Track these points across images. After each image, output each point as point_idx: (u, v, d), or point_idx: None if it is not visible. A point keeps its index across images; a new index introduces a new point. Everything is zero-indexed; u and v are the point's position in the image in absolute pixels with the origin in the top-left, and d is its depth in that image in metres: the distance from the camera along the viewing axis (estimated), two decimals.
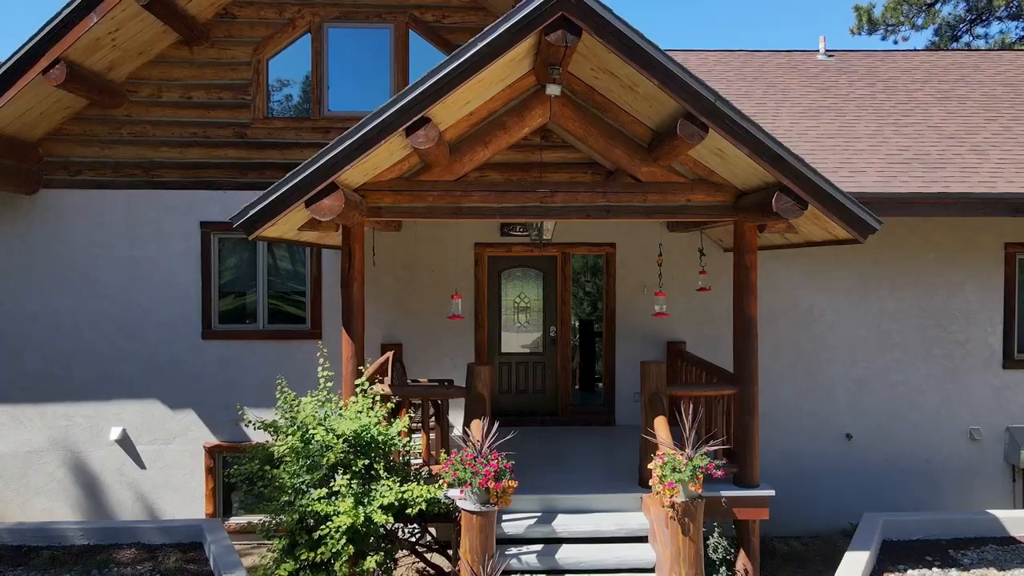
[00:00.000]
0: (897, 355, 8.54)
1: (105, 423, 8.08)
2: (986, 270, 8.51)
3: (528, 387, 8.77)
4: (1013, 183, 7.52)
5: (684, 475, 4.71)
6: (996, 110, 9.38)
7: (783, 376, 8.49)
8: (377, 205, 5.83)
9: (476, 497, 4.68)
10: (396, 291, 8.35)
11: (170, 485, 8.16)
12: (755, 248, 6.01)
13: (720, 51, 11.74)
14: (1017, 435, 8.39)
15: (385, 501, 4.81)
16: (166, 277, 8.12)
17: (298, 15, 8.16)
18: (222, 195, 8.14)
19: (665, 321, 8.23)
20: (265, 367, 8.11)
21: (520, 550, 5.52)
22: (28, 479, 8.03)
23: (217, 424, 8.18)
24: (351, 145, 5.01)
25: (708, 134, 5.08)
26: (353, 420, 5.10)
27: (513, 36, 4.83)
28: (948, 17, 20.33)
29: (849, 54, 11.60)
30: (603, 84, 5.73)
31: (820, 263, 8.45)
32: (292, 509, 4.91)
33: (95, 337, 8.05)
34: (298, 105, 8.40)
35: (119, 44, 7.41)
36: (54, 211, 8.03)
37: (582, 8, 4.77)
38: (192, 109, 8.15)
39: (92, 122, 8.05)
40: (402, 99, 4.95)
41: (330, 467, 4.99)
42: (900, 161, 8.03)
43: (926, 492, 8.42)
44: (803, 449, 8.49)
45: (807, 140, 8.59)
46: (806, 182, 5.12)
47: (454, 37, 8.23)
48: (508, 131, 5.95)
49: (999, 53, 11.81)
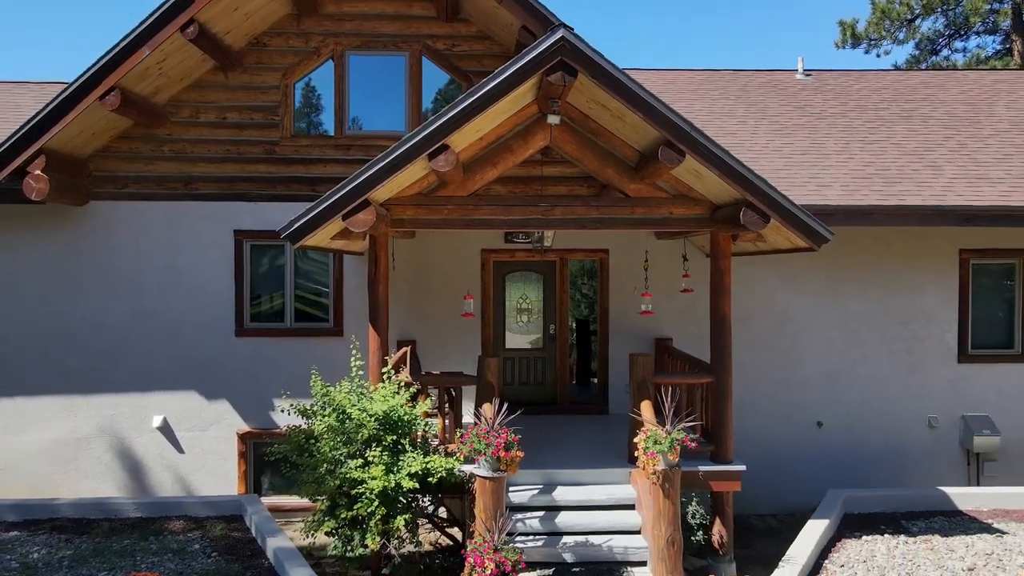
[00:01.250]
0: (863, 351, 9.43)
1: (148, 412, 8.94)
2: (943, 274, 9.41)
3: (529, 380, 9.64)
4: (962, 196, 8.44)
5: (664, 446, 5.59)
6: (955, 128, 10.31)
7: (761, 370, 9.37)
8: (400, 217, 6.72)
9: (489, 465, 5.57)
10: (410, 293, 9.21)
11: (206, 468, 9.01)
12: (729, 255, 6.91)
13: (708, 70, 12.66)
14: (971, 422, 9.29)
15: (412, 469, 5.69)
16: (203, 281, 8.99)
17: (323, 44, 9.04)
18: (253, 206, 9.01)
19: (653, 320, 9.12)
20: (292, 362, 8.96)
21: (525, 516, 6.40)
22: (78, 463, 8.89)
23: (248, 413, 9.04)
24: (382, 168, 5.90)
25: (685, 158, 5.98)
26: (382, 402, 5.98)
27: (520, 76, 5.73)
28: (928, 32, 21.31)
29: (825, 73, 12.52)
30: (596, 113, 6.62)
31: (794, 268, 9.33)
32: (332, 477, 5.78)
33: (139, 335, 8.91)
34: (321, 124, 9.27)
35: (164, 72, 8.30)
36: (102, 221, 8.90)
37: (578, 54, 5.67)
38: (226, 128, 9.02)
39: (136, 140, 8.92)
40: (425, 129, 5.85)
41: (364, 441, 5.87)
42: (863, 176, 8.95)
43: (889, 474, 9.30)
44: (779, 436, 9.37)
45: (781, 156, 9.51)
46: (768, 199, 6.02)
47: (463, 63, 9.13)
48: (514, 153, 6.85)
49: (964, 73, 12.75)
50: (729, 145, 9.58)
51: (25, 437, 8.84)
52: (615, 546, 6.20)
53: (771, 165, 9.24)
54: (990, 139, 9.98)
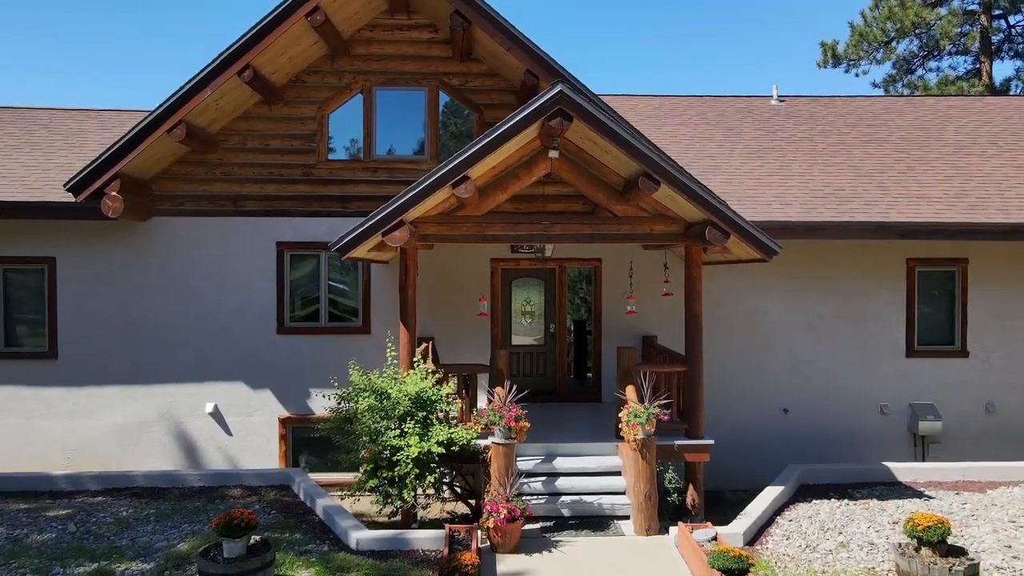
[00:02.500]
0: (824, 347, 10.81)
1: (201, 400, 10.29)
2: (893, 280, 10.79)
3: (533, 372, 11.00)
4: (903, 213, 9.83)
5: (642, 419, 6.96)
6: (906, 151, 11.71)
7: (735, 365, 10.74)
8: (426, 233, 8.09)
9: (502, 434, 6.94)
10: (428, 297, 10.55)
11: (251, 449, 10.36)
12: (700, 264, 8.28)
13: (691, 96, 14.08)
14: (917, 409, 10.65)
15: (439, 438, 7.05)
16: (249, 286, 10.35)
17: (353, 80, 10.43)
18: (293, 221, 10.38)
19: (641, 320, 10.49)
20: (325, 356, 10.31)
21: (530, 480, 7.76)
22: (140, 444, 10.24)
23: (288, 400, 10.39)
24: (415, 195, 7.28)
25: (660, 186, 7.36)
26: (414, 385, 7.35)
27: (526, 122, 7.13)
28: (904, 52, 22.77)
29: (798, 99, 13.94)
30: (588, 147, 8.00)
31: (764, 275, 10.68)
32: (374, 444, 7.14)
33: (194, 333, 10.27)
34: (351, 150, 10.65)
35: (220, 107, 9.69)
36: (163, 235, 10.27)
37: (573, 104, 7.06)
38: (270, 154, 10.41)
39: (192, 164, 10.30)
40: (450, 164, 7.23)
41: (399, 417, 7.24)
42: (821, 195, 10.34)
43: (846, 454, 10.65)
44: (751, 421, 10.72)
45: (752, 177, 10.90)
46: (728, 219, 7.40)
47: (474, 96, 10.52)
48: (520, 179, 8.22)
49: (922, 99, 14.17)
50: (707, 167, 11.07)
51: (95, 421, 10.20)
52: (604, 503, 7.57)
53: (742, 185, 10.64)
54: (935, 161, 11.38)
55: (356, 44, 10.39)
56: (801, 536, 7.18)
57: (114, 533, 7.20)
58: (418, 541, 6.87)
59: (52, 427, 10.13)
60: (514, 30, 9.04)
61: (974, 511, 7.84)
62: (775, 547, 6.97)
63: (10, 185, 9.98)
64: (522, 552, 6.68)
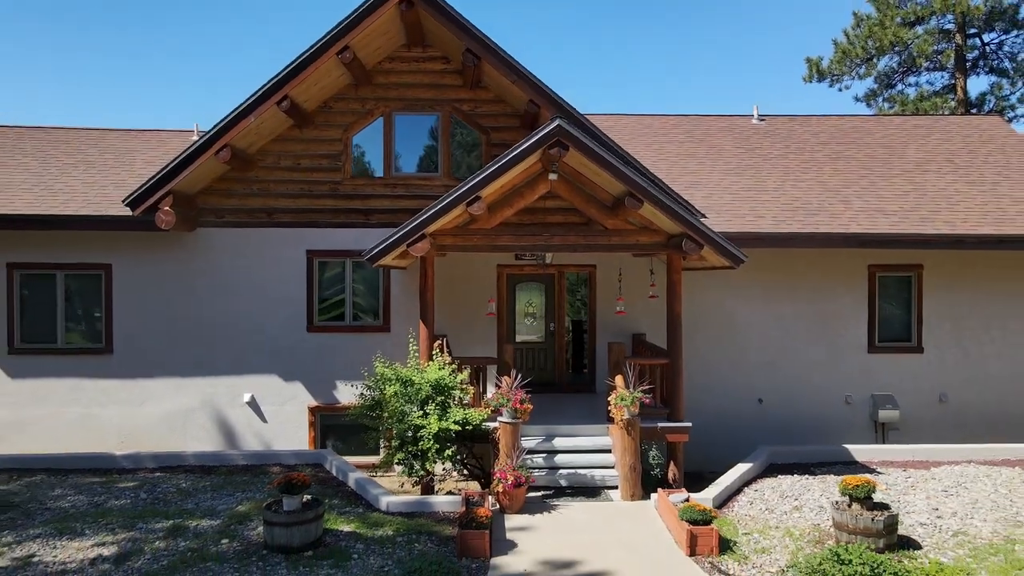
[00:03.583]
0: (794, 344, 12.09)
1: (240, 390, 11.57)
2: (856, 284, 12.08)
3: (534, 366, 12.28)
4: (862, 225, 11.12)
5: (628, 402, 8.24)
6: (870, 168, 13.01)
7: (716, 360, 12.01)
8: (443, 244, 9.37)
9: (509, 414, 8.23)
10: (441, 298, 11.81)
11: (284, 435, 11.64)
12: (679, 270, 9.56)
13: (678, 115, 15.39)
14: (878, 400, 11.93)
15: (456, 418, 8.34)
16: (282, 289, 11.64)
17: (375, 107, 11.73)
18: (321, 231, 11.67)
19: (631, 319, 11.78)
20: (350, 352, 11.59)
21: (532, 456, 9.04)
22: (187, 429, 11.52)
23: (316, 391, 11.67)
24: (435, 212, 8.58)
25: (643, 204, 8.65)
26: (434, 373, 8.63)
27: (529, 151, 8.43)
28: (884, 68, 24.08)
29: (776, 118, 15.25)
30: (583, 170, 9.29)
31: (741, 280, 11.96)
32: (400, 424, 8.43)
33: (234, 332, 11.56)
34: (373, 168, 11.94)
35: (259, 131, 10.99)
36: (206, 244, 11.56)
37: (569, 136, 8.37)
38: (301, 172, 11.70)
39: (232, 181, 11.59)
40: (465, 185, 8.53)
41: (421, 400, 8.52)
42: (790, 209, 11.64)
43: (815, 439, 11.92)
44: (730, 410, 11.99)
45: (729, 192, 12.19)
46: (701, 232, 8.69)
47: (482, 120, 11.81)
48: (524, 197, 9.50)
49: (890, 118, 15.48)
50: (691, 183, 12.37)
51: (146, 409, 11.49)
52: (596, 475, 8.85)
53: (721, 200, 11.94)
54: (896, 178, 12.68)
55: (377, 74, 11.69)
56: (763, 502, 8.46)
57: (179, 499, 8.49)
58: (438, 504, 8.15)
59: (108, 414, 11.42)
60: (519, 66, 10.34)
61: (915, 483, 9.11)
62: (740, 510, 8.25)
63: (73, 200, 11.28)
64: (526, 513, 7.96)
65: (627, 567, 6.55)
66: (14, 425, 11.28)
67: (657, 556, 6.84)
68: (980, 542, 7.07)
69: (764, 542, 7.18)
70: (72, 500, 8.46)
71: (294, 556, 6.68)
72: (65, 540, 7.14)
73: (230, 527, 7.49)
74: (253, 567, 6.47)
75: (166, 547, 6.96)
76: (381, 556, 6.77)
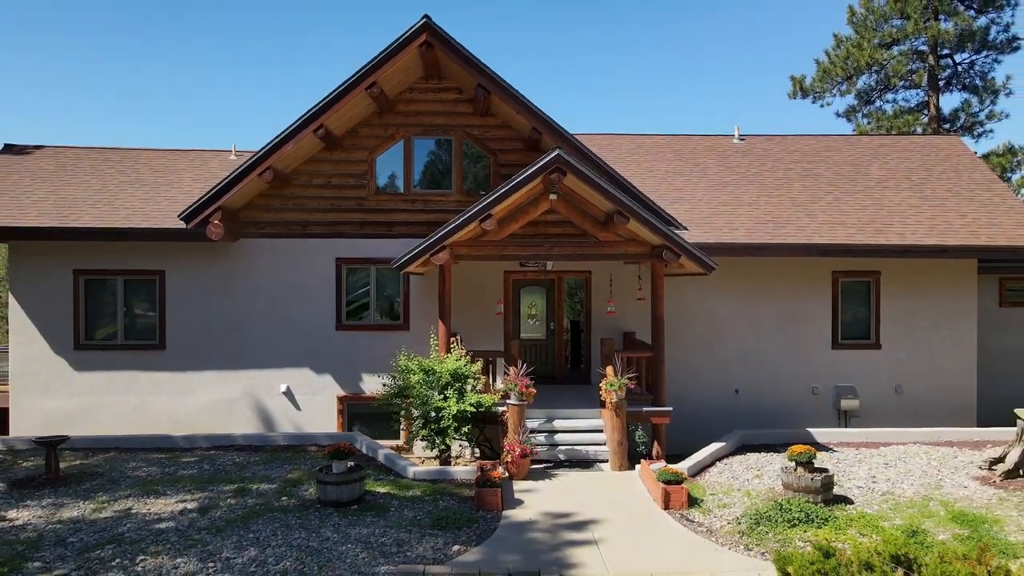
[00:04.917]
0: (767, 341, 13.63)
1: (276, 382, 13.13)
2: (821, 288, 13.63)
3: (536, 361, 13.83)
4: (824, 237, 12.69)
5: (616, 387, 9.80)
6: (836, 184, 14.58)
7: (698, 355, 13.56)
8: (458, 253, 10.93)
9: (516, 397, 9.79)
10: (455, 300, 13.35)
11: (315, 421, 13.18)
12: (662, 275, 11.11)
13: (668, 135, 16.96)
14: (841, 390, 13.48)
15: (471, 400, 9.90)
16: (314, 292, 13.19)
17: (396, 131, 13.31)
18: (348, 241, 13.24)
19: (622, 319, 13.33)
20: (373, 348, 13.14)
21: (536, 435, 10.59)
22: (230, 416, 13.06)
23: (344, 383, 13.21)
24: (453, 227, 10.16)
25: (630, 220, 10.22)
26: (452, 363, 10.19)
27: (532, 177, 10.02)
28: (863, 86, 25.68)
29: (756, 138, 16.82)
30: (579, 190, 10.86)
31: (721, 285, 13.50)
32: (424, 407, 9.98)
33: (272, 332, 13.11)
34: (394, 186, 13.51)
35: (295, 154, 12.57)
36: (247, 253, 13.13)
37: (567, 163, 9.95)
38: (331, 189, 13.27)
39: (270, 197, 13.16)
40: (479, 205, 10.10)
41: (442, 386, 10.08)
42: (762, 221, 13.20)
43: (785, 425, 13.43)
44: (710, 400, 13.53)
45: (710, 206, 13.76)
46: (677, 244, 10.26)
47: (491, 143, 13.39)
48: (528, 214, 11.07)
49: (859, 137, 17.06)
50: (676, 198, 13.93)
51: (193, 398, 13.04)
52: (589, 451, 10.41)
53: (702, 213, 13.51)
54: (859, 194, 14.25)
55: (399, 103, 13.27)
56: (730, 472, 10.01)
57: (237, 470, 10.04)
58: (457, 473, 9.70)
59: (161, 403, 12.97)
60: (524, 99, 11.92)
61: (862, 459, 10.65)
62: (710, 478, 9.80)
63: (133, 215, 12.86)
64: (530, 479, 9.51)
65: (613, 517, 8.10)
66: (80, 412, 12.83)
67: (637, 509, 8.39)
68: (903, 500, 8.62)
69: (726, 500, 8.74)
70: (147, 471, 10.01)
71: (342, 509, 8.23)
72: (152, 499, 8.69)
73: (286, 489, 9.04)
74: (312, 515, 8.03)
75: (236, 503, 8.51)
76: (412, 509, 8.32)
